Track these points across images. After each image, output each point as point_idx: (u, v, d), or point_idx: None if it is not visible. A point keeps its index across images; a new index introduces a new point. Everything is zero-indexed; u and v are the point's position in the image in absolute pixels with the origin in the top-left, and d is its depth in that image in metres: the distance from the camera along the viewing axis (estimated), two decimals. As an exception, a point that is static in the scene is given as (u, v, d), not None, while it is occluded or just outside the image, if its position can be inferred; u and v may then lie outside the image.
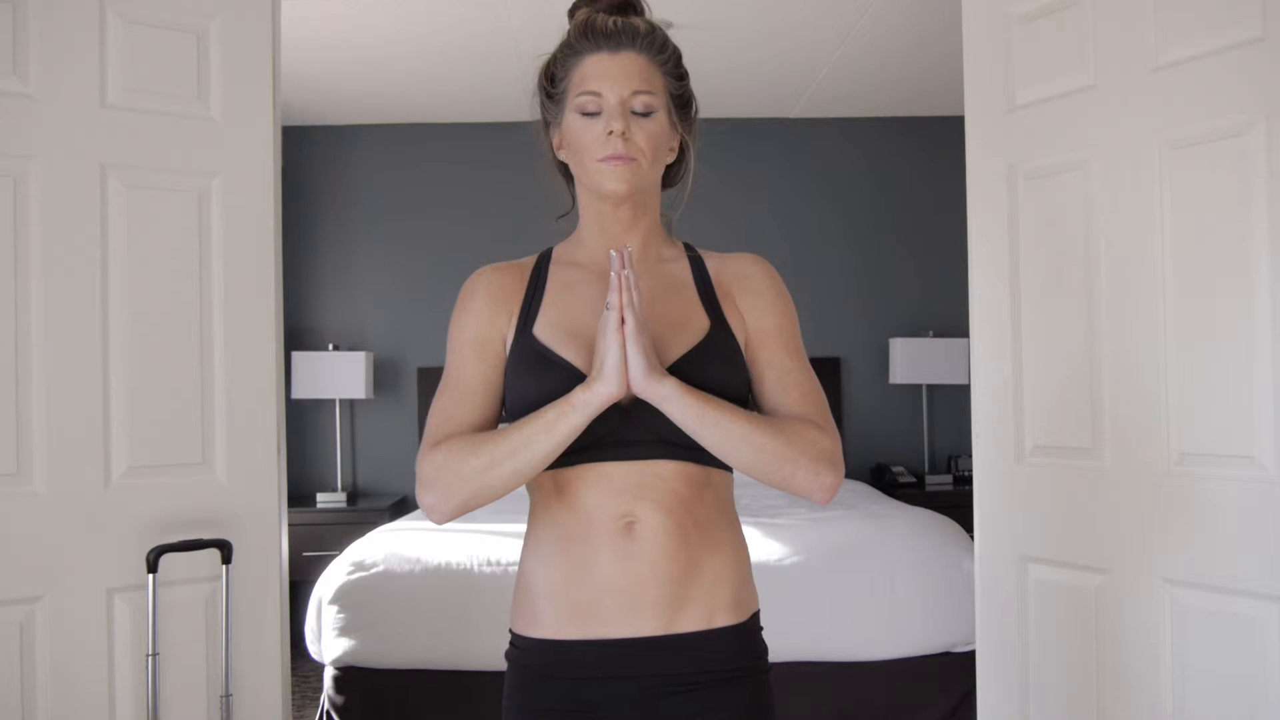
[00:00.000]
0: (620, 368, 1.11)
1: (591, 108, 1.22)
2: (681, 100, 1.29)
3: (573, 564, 1.19)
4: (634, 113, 1.22)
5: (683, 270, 1.30)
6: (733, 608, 1.22)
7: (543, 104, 1.31)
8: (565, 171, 1.34)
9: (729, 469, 1.25)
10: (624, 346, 1.11)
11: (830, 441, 1.18)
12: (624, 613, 1.17)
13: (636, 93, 1.22)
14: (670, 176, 1.33)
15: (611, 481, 1.18)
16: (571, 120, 1.24)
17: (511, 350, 1.24)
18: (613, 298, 1.11)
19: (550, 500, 1.22)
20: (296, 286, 4.67)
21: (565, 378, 1.17)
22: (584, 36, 1.24)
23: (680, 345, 1.21)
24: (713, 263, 1.31)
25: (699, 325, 1.24)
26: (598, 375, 1.12)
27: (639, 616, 1.17)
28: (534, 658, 1.22)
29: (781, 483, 1.17)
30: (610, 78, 1.22)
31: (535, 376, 1.20)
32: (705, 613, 1.19)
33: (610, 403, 1.12)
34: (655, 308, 1.22)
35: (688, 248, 1.34)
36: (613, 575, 1.17)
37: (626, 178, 1.21)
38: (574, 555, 1.19)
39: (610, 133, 1.20)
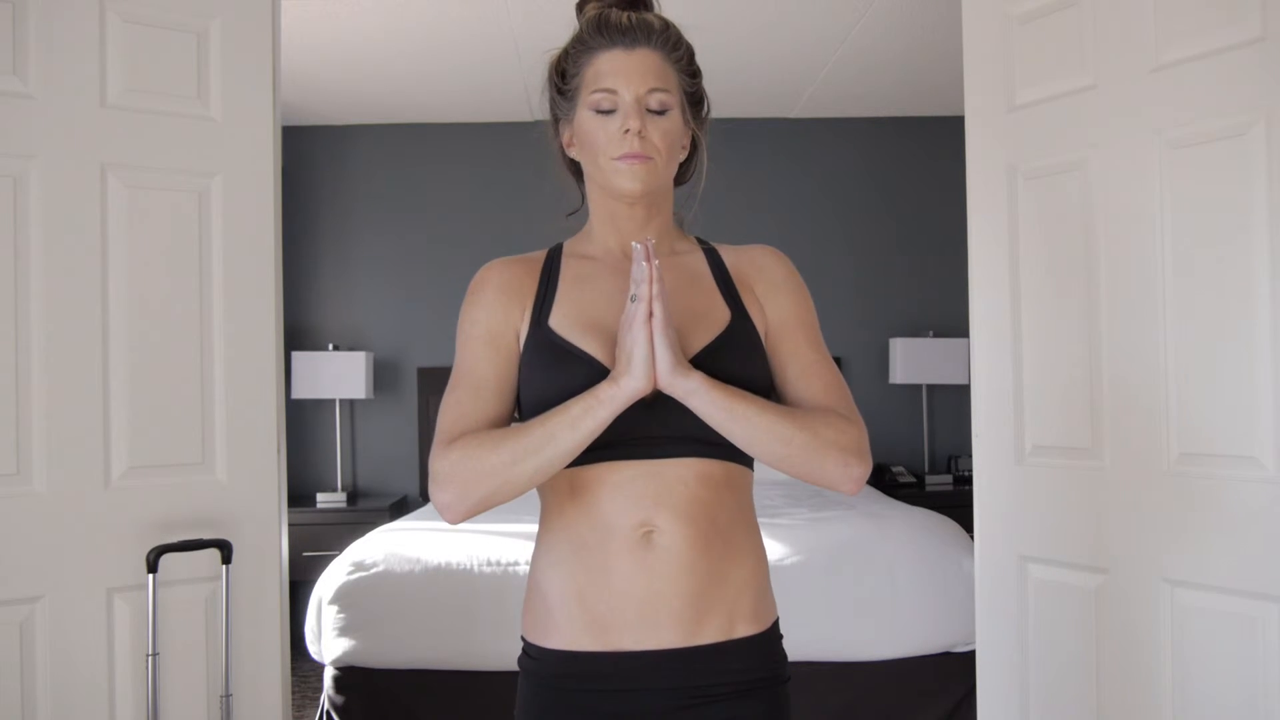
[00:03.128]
0: (648, 361, 1.08)
1: (606, 105, 1.20)
2: (694, 98, 1.27)
3: (589, 573, 1.15)
4: (649, 110, 1.20)
5: (699, 262, 1.29)
6: (753, 617, 1.19)
7: (553, 100, 1.29)
8: (574, 169, 1.32)
9: (751, 466, 1.23)
10: (651, 340, 1.08)
11: (858, 432, 1.16)
12: (642, 625, 1.14)
13: (652, 90, 1.19)
14: (682, 174, 1.32)
15: (630, 486, 1.14)
16: (585, 118, 1.22)
17: (527, 344, 1.21)
18: (641, 288, 1.08)
19: (565, 503, 1.18)
20: (296, 286, 4.67)
21: (587, 371, 1.15)
22: (598, 33, 1.22)
23: (702, 337, 1.19)
24: (729, 255, 1.30)
25: (720, 316, 1.22)
26: (625, 369, 1.09)
27: (658, 629, 1.14)
28: (549, 668, 1.19)
29: (810, 475, 1.15)
30: (625, 75, 1.19)
31: (556, 371, 1.17)
32: (725, 623, 1.17)
33: (637, 398, 1.10)
34: (676, 300, 1.20)
35: (700, 241, 1.33)
36: (630, 588, 1.14)
37: (642, 176, 1.19)
38: (590, 564, 1.15)
39: (626, 131, 1.18)
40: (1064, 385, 1.93)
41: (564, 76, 1.26)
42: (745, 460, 1.22)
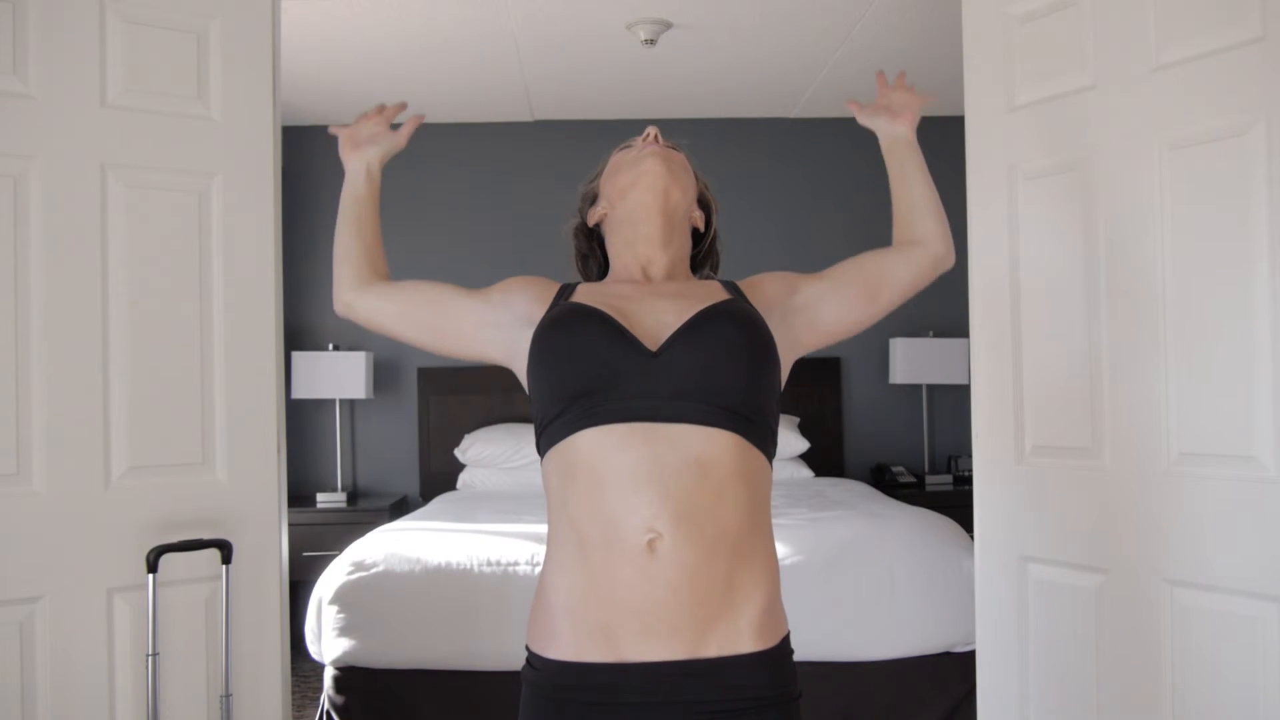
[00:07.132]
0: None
1: (628, 145, 1.42)
2: (703, 202, 1.47)
3: (592, 576, 1.13)
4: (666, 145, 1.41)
5: (711, 283, 1.38)
6: (761, 631, 1.16)
7: (583, 196, 1.48)
8: (590, 249, 1.50)
9: (770, 454, 1.22)
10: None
11: None
12: (645, 636, 1.12)
13: (668, 141, 1.42)
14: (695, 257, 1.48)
15: (633, 476, 1.12)
16: (610, 169, 1.41)
17: (545, 316, 1.27)
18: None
19: (567, 489, 1.16)
20: (296, 286, 4.66)
21: (601, 325, 1.18)
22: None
23: (699, 306, 1.24)
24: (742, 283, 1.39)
25: (720, 295, 1.30)
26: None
27: (662, 640, 1.12)
28: (551, 679, 1.16)
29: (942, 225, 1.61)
30: (644, 136, 1.42)
31: (569, 326, 1.21)
32: (732, 636, 1.14)
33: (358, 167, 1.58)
34: (678, 292, 1.30)
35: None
36: (632, 597, 1.11)
37: (663, 158, 1.35)
38: (593, 565, 1.13)
39: (645, 138, 1.39)
40: (1064, 385, 1.93)
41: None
42: (758, 438, 1.19)
